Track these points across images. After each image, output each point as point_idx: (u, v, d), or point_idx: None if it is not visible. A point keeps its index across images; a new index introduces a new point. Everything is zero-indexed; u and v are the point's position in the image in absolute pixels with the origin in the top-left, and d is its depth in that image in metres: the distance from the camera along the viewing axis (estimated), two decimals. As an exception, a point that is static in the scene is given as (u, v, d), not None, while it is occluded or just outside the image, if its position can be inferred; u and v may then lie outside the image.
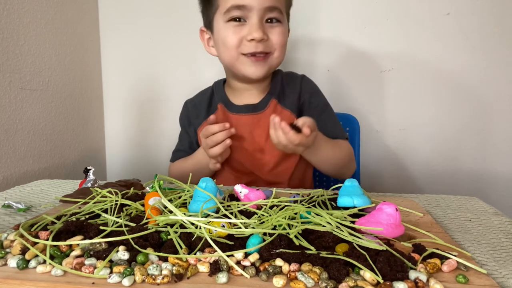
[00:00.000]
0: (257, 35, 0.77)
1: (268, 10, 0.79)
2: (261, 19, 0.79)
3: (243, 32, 0.80)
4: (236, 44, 0.80)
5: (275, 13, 0.80)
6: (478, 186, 1.28)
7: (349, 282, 0.37)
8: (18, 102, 0.98)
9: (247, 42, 0.80)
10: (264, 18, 0.80)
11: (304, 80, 0.94)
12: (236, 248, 0.43)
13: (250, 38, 0.79)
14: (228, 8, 0.79)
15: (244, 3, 0.77)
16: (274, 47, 0.82)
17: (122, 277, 0.37)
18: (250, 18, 0.79)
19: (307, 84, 0.93)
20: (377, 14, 1.22)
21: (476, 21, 1.19)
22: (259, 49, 0.80)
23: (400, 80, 1.25)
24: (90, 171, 0.74)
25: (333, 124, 0.90)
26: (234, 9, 0.78)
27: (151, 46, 1.33)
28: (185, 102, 1.00)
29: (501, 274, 0.42)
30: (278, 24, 0.81)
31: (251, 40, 0.79)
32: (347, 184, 0.59)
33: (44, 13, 1.07)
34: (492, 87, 1.22)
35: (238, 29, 0.80)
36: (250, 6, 0.77)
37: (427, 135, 1.28)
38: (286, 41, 0.84)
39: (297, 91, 0.91)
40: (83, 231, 0.47)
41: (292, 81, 0.92)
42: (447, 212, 0.65)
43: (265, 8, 0.78)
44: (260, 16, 0.79)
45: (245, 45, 0.80)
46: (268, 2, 0.78)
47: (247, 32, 0.79)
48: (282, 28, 0.82)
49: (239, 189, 0.61)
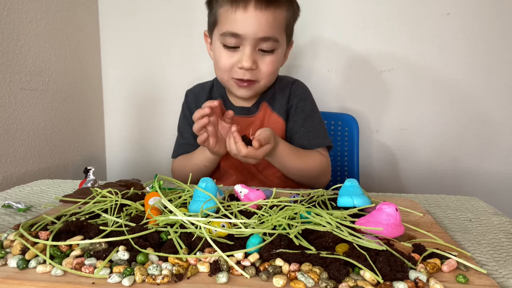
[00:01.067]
0: (246, 64, 0.80)
1: (262, 40, 0.80)
2: (253, 48, 0.81)
3: (235, 58, 0.82)
4: (228, 69, 0.84)
5: (269, 43, 0.81)
6: (478, 186, 1.28)
7: (349, 282, 0.37)
8: (18, 102, 0.98)
9: (237, 68, 0.82)
10: (257, 47, 0.81)
11: (295, 85, 0.95)
12: (236, 248, 0.43)
13: (239, 66, 0.82)
14: (223, 32, 0.81)
15: (238, 32, 0.79)
16: (262, 76, 0.84)
17: (122, 277, 0.37)
18: (244, 46, 0.81)
19: (297, 89, 0.94)
20: (377, 14, 1.22)
21: (476, 21, 1.19)
22: (246, 77, 0.83)
23: (400, 80, 1.25)
24: (90, 171, 0.74)
25: (316, 131, 0.91)
26: (229, 35, 0.80)
27: (151, 46, 1.33)
28: (186, 92, 1.01)
29: (501, 274, 0.42)
30: (270, 54, 0.83)
31: (241, 67, 0.81)
32: (347, 184, 0.59)
33: (44, 13, 1.07)
34: (492, 87, 1.22)
35: (230, 54, 0.83)
36: (244, 36, 0.79)
37: (427, 135, 1.28)
38: (276, 69, 0.86)
39: (287, 95, 0.93)
40: (83, 231, 0.47)
41: (284, 85, 0.94)
42: (447, 212, 0.65)
43: (258, 39, 0.79)
44: (253, 45, 0.80)
45: (235, 71, 0.83)
46: (262, 33, 0.79)
47: (238, 59, 0.82)
48: (274, 57, 0.84)
49: (239, 189, 0.61)
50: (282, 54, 0.86)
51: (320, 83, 1.28)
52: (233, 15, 0.79)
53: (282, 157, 0.83)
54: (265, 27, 0.79)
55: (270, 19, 0.79)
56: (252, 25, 0.78)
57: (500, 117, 1.24)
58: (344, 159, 1.17)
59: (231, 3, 0.79)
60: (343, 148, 1.17)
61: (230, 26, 0.80)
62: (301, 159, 0.86)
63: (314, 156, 0.88)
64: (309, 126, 0.91)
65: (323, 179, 0.91)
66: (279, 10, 0.80)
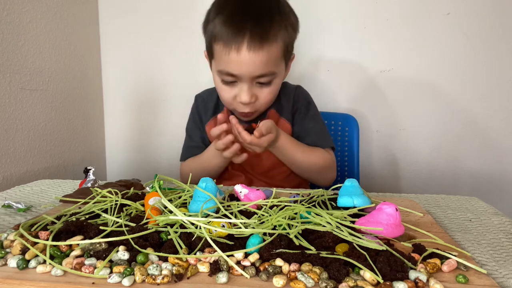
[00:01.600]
0: (245, 100, 0.81)
1: (258, 77, 0.80)
2: (251, 83, 0.82)
3: (234, 91, 0.83)
4: (230, 102, 0.85)
5: (266, 78, 0.81)
6: (478, 186, 1.28)
7: (349, 282, 0.37)
8: (18, 102, 0.98)
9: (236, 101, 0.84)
10: (254, 82, 0.82)
11: (298, 91, 0.97)
12: (236, 248, 0.43)
13: (238, 101, 0.83)
14: (219, 70, 0.82)
15: (233, 72, 0.80)
16: (261, 105, 0.86)
17: (122, 277, 0.37)
18: (241, 82, 0.81)
19: (300, 94, 0.97)
20: (377, 14, 1.22)
21: (476, 21, 1.19)
22: (246, 110, 0.85)
23: (400, 80, 1.25)
24: (90, 171, 0.74)
25: (318, 133, 0.93)
26: (226, 74, 0.81)
27: (151, 46, 1.33)
28: (196, 96, 1.01)
29: (501, 274, 0.42)
30: (267, 85, 0.83)
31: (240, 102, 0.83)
32: (347, 184, 0.59)
33: (44, 13, 1.07)
34: (492, 87, 1.22)
35: (230, 89, 0.84)
36: (239, 76, 0.80)
37: (427, 135, 1.28)
38: (275, 93, 0.87)
39: (291, 101, 0.95)
40: (83, 231, 0.47)
41: (287, 92, 0.96)
42: (447, 212, 0.65)
43: (254, 77, 0.80)
44: (250, 82, 0.81)
45: (237, 104, 0.85)
46: (257, 72, 0.79)
47: (237, 93, 0.83)
48: (272, 88, 0.84)
49: (239, 189, 0.61)
50: (281, 80, 0.87)
51: (320, 83, 1.28)
52: (227, 56, 0.78)
53: (285, 149, 0.85)
54: (260, 66, 0.78)
55: (264, 58, 0.78)
56: (247, 66, 0.78)
57: (500, 117, 1.24)
58: (344, 159, 1.17)
59: (224, 44, 0.78)
60: (343, 148, 1.17)
61: (226, 66, 0.80)
62: (304, 153, 0.88)
63: (318, 152, 0.90)
64: (312, 129, 0.93)
65: (329, 174, 0.92)
66: (274, 46, 0.79)
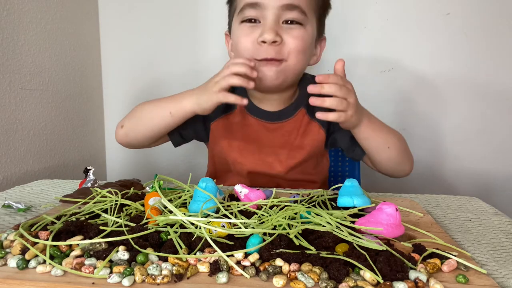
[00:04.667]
0: (268, 36, 0.68)
1: (286, 8, 0.69)
2: (277, 19, 0.70)
3: (256, 33, 0.71)
4: (248, 47, 0.72)
5: (295, 13, 0.70)
6: (478, 186, 1.28)
7: (349, 282, 0.37)
8: (18, 102, 0.98)
9: (258, 45, 0.71)
10: (282, 19, 0.71)
11: None
12: (236, 248, 0.42)
13: (260, 40, 0.70)
14: (242, 7, 0.72)
15: (257, 0, 0.70)
16: (288, 53, 0.72)
17: (122, 277, 0.37)
18: (265, 18, 0.70)
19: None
20: (377, 14, 1.22)
21: (476, 21, 1.19)
22: (269, 55, 0.71)
23: (400, 80, 1.25)
24: (90, 171, 0.73)
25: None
26: (248, 7, 0.71)
27: (151, 46, 1.33)
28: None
29: (501, 274, 0.42)
30: (297, 26, 0.71)
31: (262, 42, 0.70)
32: (347, 184, 0.59)
33: (44, 13, 1.07)
34: (492, 87, 1.22)
35: (251, 30, 0.72)
36: (264, 4, 0.69)
37: (427, 135, 1.27)
38: (305, 47, 0.73)
39: None
40: (83, 231, 0.47)
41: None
42: (447, 212, 0.65)
43: (281, 6, 0.69)
44: (276, 16, 0.70)
45: (257, 50, 0.71)
46: (286, 0, 0.69)
47: (259, 34, 0.70)
48: (302, 31, 0.72)
49: (239, 189, 0.61)
50: (311, 36, 0.74)
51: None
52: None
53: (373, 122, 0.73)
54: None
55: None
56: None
57: (500, 117, 1.24)
58: (346, 159, 1.17)
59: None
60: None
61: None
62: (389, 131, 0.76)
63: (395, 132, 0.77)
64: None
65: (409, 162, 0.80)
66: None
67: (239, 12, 0.73)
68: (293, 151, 0.84)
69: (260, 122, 0.84)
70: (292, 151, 0.84)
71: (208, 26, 1.28)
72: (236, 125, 0.85)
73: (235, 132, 0.85)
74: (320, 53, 0.84)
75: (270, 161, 0.84)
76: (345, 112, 0.66)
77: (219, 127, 0.86)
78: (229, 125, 0.85)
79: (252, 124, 0.84)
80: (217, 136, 0.86)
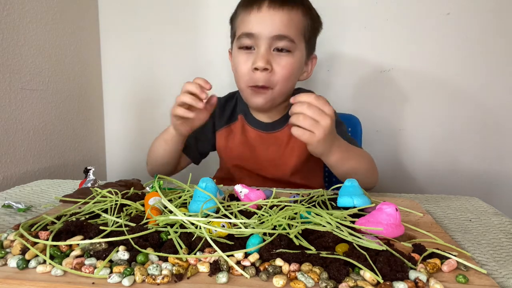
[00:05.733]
0: (260, 64, 0.78)
1: (277, 38, 0.78)
2: (268, 48, 0.79)
3: (250, 61, 0.80)
4: (245, 73, 0.81)
5: (284, 42, 0.78)
6: (478, 186, 1.28)
7: (349, 282, 0.37)
8: (18, 102, 0.98)
9: (252, 72, 0.80)
10: (273, 47, 0.79)
11: None
12: (236, 248, 0.43)
13: (253, 67, 0.79)
14: (239, 35, 0.81)
15: (252, 31, 0.79)
16: (277, 80, 0.80)
17: (122, 277, 0.37)
18: (259, 46, 0.79)
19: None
20: (377, 14, 1.22)
21: (476, 21, 1.19)
22: (261, 82, 0.80)
23: (400, 80, 1.25)
24: (90, 171, 0.74)
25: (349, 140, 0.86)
26: (244, 36, 0.80)
27: (151, 47, 1.33)
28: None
29: (501, 274, 0.42)
30: (286, 54, 0.80)
31: (255, 69, 0.79)
32: (347, 184, 0.59)
33: (44, 13, 1.07)
34: (492, 87, 1.22)
35: (246, 57, 0.81)
36: (258, 35, 0.78)
37: (427, 135, 1.27)
38: (292, 73, 0.82)
39: None
40: (83, 231, 0.47)
41: None
42: (447, 212, 0.65)
43: (272, 37, 0.78)
44: (268, 45, 0.79)
45: (251, 77, 0.80)
46: (276, 31, 0.78)
47: (253, 61, 0.79)
48: (290, 59, 0.80)
49: (239, 189, 0.61)
50: (299, 60, 0.83)
51: (320, 83, 1.28)
52: (248, 17, 0.80)
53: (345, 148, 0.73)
54: (279, 25, 0.78)
55: (284, 18, 0.78)
56: (266, 23, 0.78)
57: (500, 117, 1.24)
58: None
59: (246, 7, 0.80)
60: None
61: (245, 27, 0.80)
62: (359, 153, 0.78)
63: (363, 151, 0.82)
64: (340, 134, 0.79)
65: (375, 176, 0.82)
66: (294, 11, 0.79)
67: (238, 39, 0.82)
68: (284, 157, 0.91)
69: (256, 132, 0.92)
70: (283, 158, 0.91)
71: (208, 26, 1.28)
72: (237, 134, 0.94)
73: (235, 140, 0.93)
74: (312, 69, 0.91)
75: (265, 166, 0.91)
76: (311, 132, 0.63)
77: (222, 136, 0.95)
78: (231, 133, 0.94)
79: (250, 133, 0.93)
80: (220, 144, 0.95)
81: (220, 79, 1.27)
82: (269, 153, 0.91)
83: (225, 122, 0.95)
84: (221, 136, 0.95)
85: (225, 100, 0.98)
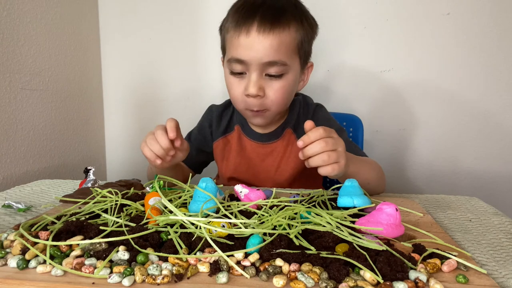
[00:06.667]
0: (251, 91, 0.76)
1: (268, 64, 0.76)
2: (260, 74, 0.77)
3: (242, 86, 0.79)
4: (239, 98, 0.80)
5: (276, 67, 0.76)
6: (478, 186, 1.28)
7: (349, 282, 0.37)
8: (18, 102, 0.98)
9: (245, 97, 0.79)
10: (264, 72, 0.77)
11: (317, 109, 0.93)
12: (236, 248, 0.43)
13: (246, 94, 0.78)
14: (229, 59, 0.79)
15: (242, 58, 0.76)
16: (270, 104, 0.80)
17: (122, 277, 0.37)
18: (250, 72, 0.77)
19: (319, 113, 0.92)
20: (377, 14, 1.22)
21: (476, 21, 1.19)
22: (255, 108, 0.79)
23: (400, 80, 1.25)
24: (90, 171, 0.74)
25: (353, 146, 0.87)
26: (235, 62, 0.77)
27: (151, 46, 1.33)
28: (211, 107, 0.98)
29: (501, 274, 0.42)
30: (278, 79, 0.78)
31: (247, 95, 0.78)
32: (347, 184, 0.59)
33: (44, 13, 1.07)
34: (492, 87, 1.22)
35: (238, 82, 0.80)
36: (248, 62, 0.76)
37: (427, 135, 1.27)
38: (286, 94, 0.81)
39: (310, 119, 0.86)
40: (83, 231, 0.47)
41: (306, 110, 0.92)
42: (447, 212, 0.65)
43: (264, 64, 0.75)
44: (259, 71, 0.76)
45: (244, 100, 0.80)
46: (266, 58, 0.75)
47: (245, 87, 0.78)
48: (283, 83, 0.79)
49: (239, 189, 0.61)
50: (294, 79, 0.81)
51: (320, 83, 1.28)
52: (237, 40, 0.76)
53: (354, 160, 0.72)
54: (270, 51, 0.74)
55: (274, 43, 0.74)
56: (256, 50, 0.74)
57: (500, 117, 1.24)
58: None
59: (234, 28, 0.76)
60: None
61: (235, 52, 0.77)
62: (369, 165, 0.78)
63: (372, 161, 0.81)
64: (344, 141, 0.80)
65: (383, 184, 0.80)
66: (285, 32, 0.75)
67: (228, 61, 0.79)
68: (280, 168, 0.90)
69: (253, 143, 0.92)
70: (280, 169, 0.90)
71: (208, 26, 1.28)
72: (233, 144, 0.93)
73: (232, 150, 0.93)
74: (308, 77, 0.89)
75: (262, 178, 0.91)
76: (338, 163, 0.62)
77: (219, 146, 0.94)
78: (228, 144, 0.94)
79: (246, 144, 0.92)
80: (217, 154, 0.95)
81: (220, 79, 1.27)
82: (266, 165, 0.91)
83: (221, 133, 0.94)
84: (218, 146, 0.94)
85: (222, 109, 0.96)
